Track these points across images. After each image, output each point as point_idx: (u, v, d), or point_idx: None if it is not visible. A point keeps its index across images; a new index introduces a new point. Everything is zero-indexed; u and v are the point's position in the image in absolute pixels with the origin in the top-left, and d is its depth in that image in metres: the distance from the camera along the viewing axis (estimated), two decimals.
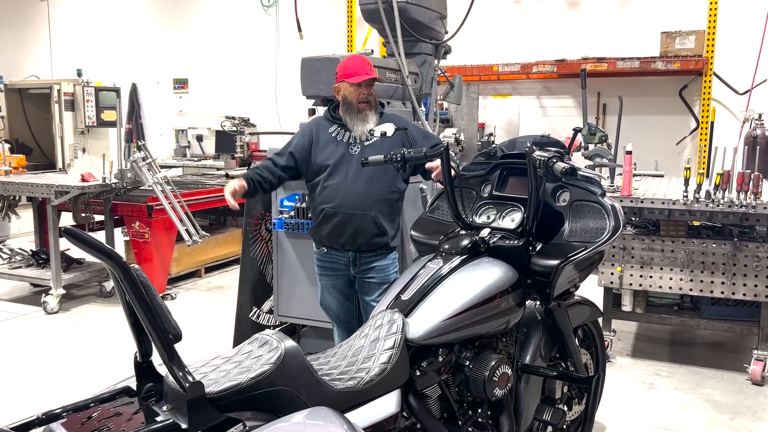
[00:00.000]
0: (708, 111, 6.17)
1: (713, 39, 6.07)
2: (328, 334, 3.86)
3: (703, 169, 6.58)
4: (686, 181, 3.48)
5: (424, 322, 2.13)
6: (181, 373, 1.57)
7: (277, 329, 2.80)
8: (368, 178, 2.99)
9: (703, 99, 6.18)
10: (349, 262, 3.10)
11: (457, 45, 4.89)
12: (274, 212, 3.81)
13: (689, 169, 3.51)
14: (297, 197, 3.69)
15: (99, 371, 3.95)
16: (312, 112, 4.10)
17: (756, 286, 3.61)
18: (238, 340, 3.96)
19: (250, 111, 8.15)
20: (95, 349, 4.35)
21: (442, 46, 4.47)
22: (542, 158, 2.10)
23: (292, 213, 3.69)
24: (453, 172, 2.55)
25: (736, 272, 3.65)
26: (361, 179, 2.99)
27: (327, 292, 3.23)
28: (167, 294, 5.49)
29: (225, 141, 8.24)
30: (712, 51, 6.09)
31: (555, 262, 2.26)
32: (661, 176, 4.72)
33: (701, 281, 3.73)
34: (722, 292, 3.69)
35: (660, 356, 4.18)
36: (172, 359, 1.58)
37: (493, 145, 2.99)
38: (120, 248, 5.86)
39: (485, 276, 2.27)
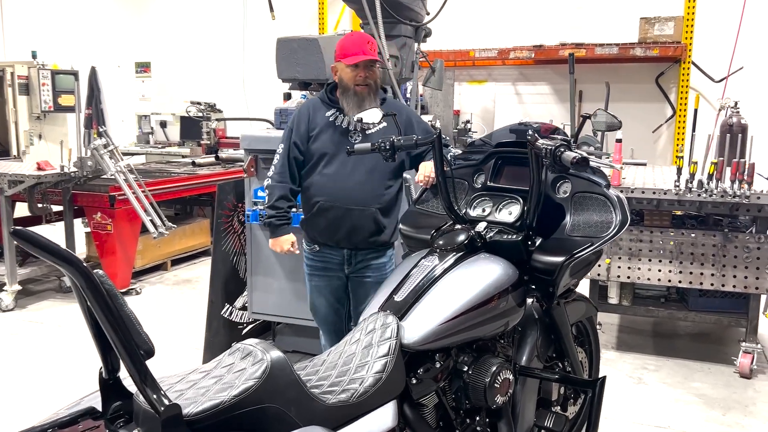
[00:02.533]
0: (686, 98, 6.12)
1: (692, 25, 6.00)
2: (306, 331, 3.67)
3: (680, 156, 6.59)
4: (679, 171, 3.37)
5: (420, 325, 1.95)
6: (155, 395, 1.37)
7: (256, 339, 2.40)
8: (369, 170, 2.77)
9: (681, 86, 6.12)
10: (344, 261, 2.89)
11: (433, 29, 4.70)
12: (248, 203, 3.58)
13: (682, 158, 3.39)
14: None
15: (59, 376, 3.69)
16: (287, 96, 3.88)
17: (746, 277, 3.53)
18: (209, 339, 3.74)
19: (217, 96, 7.86)
20: (54, 351, 4.07)
21: (423, 29, 4.26)
22: (548, 147, 1.93)
23: None
24: (445, 162, 2.37)
25: (726, 263, 3.56)
26: (360, 171, 2.76)
27: (317, 293, 2.99)
28: (132, 289, 5.21)
29: (190, 127, 7.92)
30: (691, 37, 6.02)
31: (559, 259, 2.10)
32: (644, 165, 4.63)
33: (690, 273, 3.64)
34: (711, 284, 3.61)
35: (645, 349, 4.10)
36: (144, 379, 1.37)
37: (480, 137, 2.81)
38: (80, 241, 5.55)
39: (484, 274, 2.10)
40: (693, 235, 3.63)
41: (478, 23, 7.15)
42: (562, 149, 1.92)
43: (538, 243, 2.25)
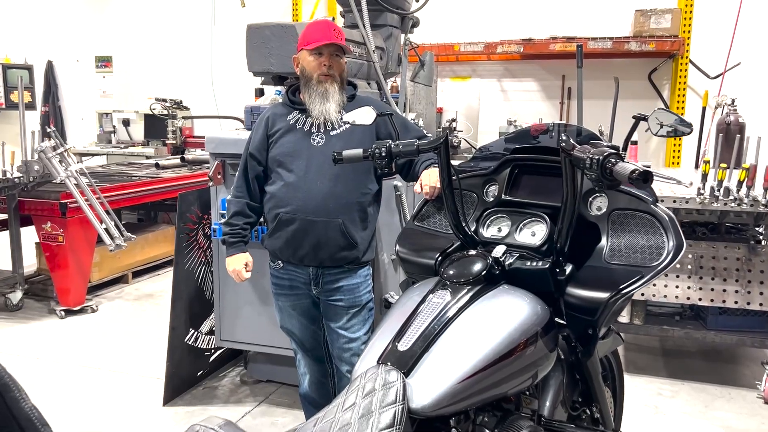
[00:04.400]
0: (684, 96, 5.79)
1: (690, 18, 5.67)
2: (282, 358, 3.23)
3: (678, 158, 6.27)
4: (704, 177, 2.99)
5: (432, 385, 1.53)
6: None
7: (220, 421, 1.82)
8: (334, 176, 2.37)
9: (679, 83, 5.79)
10: (310, 280, 2.48)
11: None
12: (214, 215, 3.12)
13: (708, 162, 3.02)
14: None
15: None
16: (260, 92, 3.43)
17: None
18: (172, 372, 3.26)
19: (184, 92, 7.32)
20: None
21: (410, 18, 3.85)
22: (595, 157, 1.52)
23: None
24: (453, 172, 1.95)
25: (752, 279, 3.21)
26: (325, 177, 2.38)
27: (287, 314, 2.61)
28: (87, 306, 4.69)
29: (155, 126, 7.39)
30: (689, 31, 5.69)
31: (603, 295, 1.69)
32: (648, 167, 4.24)
33: (711, 289, 3.28)
34: (735, 302, 3.25)
35: (657, 371, 3.73)
36: None
37: (483, 145, 2.40)
38: (29, 252, 5.00)
39: (509, 315, 1.68)
40: (714, 247, 3.27)
41: (463, 15, 6.74)
42: (614, 160, 1.51)
43: (568, 271, 1.84)
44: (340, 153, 2.03)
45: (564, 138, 1.68)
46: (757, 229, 3.37)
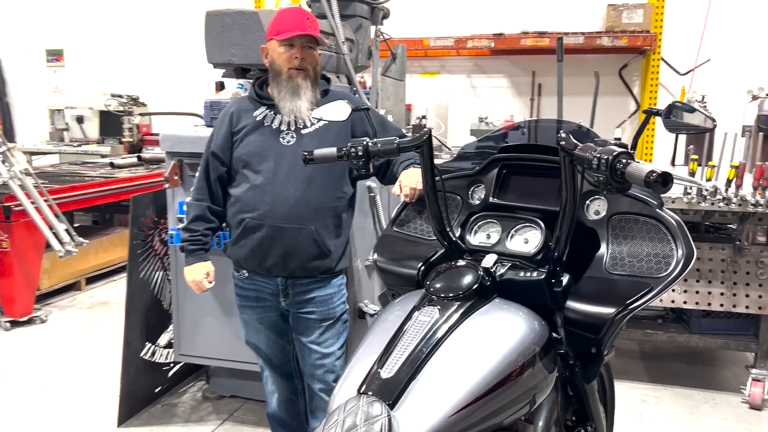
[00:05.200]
0: (656, 92, 5.71)
1: (662, 13, 5.59)
2: (247, 374, 3.00)
3: (650, 154, 6.20)
4: (692, 176, 2.86)
5: (422, 419, 1.33)
6: None
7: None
8: (306, 178, 2.16)
9: (651, 79, 5.70)
10: (278, 292, 2.27)
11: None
12: (171, 219, 2.87)
13: (696, 160, 2.89)
14: None
15: None
16: (220, 86, 3.18)
17: (761, 297, 3.08)
18: (127, 390, 3.00)
19: (140, 88, 6.99)
20: None
21: (380, 9, 3.64)
22: (603, 157, 1.34)
23: None
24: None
25: (737, 281, 3.10)
26: (296, 179, 2.17)
27: (252, 328, 2.38)
28: (35, 317, 4.37)
29: (111, 123, 7.03)
30: (661, 26, 5.61)
31: (608, 311, 1.51)
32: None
33: (696, 292, 3.16)
34: (721, 305, 3.14)
35: (638, 375, 3.61)
36: None
37: (468, 143, 2.22)
38: None
39: (504, 335, 1.50)
40: (698, 248, 3.14)
41: (432, 9, 6.57)
42: (624, 160, 1.33)
43: (565, 282, 1.67)
44: (311, 152, 1.82)
45: (563, 135, 1.50)
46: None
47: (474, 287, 1.56)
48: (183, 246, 2.32)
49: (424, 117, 6.12)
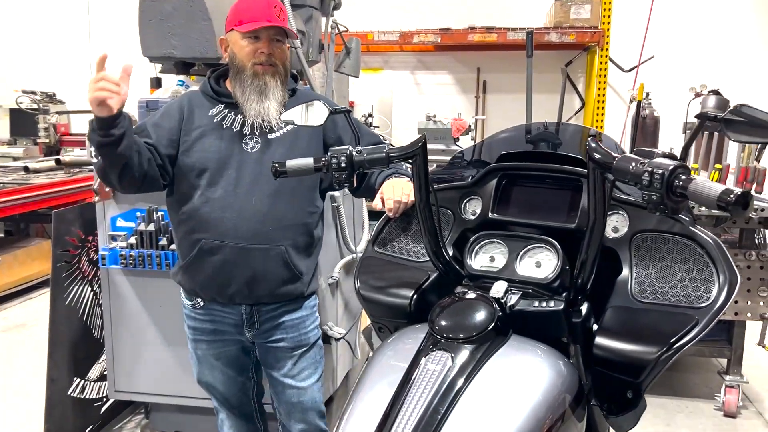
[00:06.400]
0: (604, 89, 5.65)
1: (609, 9, 5.52)
2: (192, 408, 2.66)
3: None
4: None
5: None
6: None
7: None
8: (274, 191, 1.86)
9: (599, 75, 5.64)
10: (242, 322, 1.95)
11: None
12: (102, 237, 2.49)
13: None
14: (139, 214, 2.40)
15: None
16: (156, 83, 2.79)
17: (736, 302, 2.98)
18: None
19: (57, 84, 6.39)
20: None
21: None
22: (657, 171, 1.10)
23: (132, 240, 2.40)
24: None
25: None
26: (262, 192, 1.86)
27: (207, 365, 2.04)
28: None
29: (23, 122, 6.36)
30: (609, 22, 5.55)
31: (651, 350, 1.29)
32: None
33: None
34: None
35: None
36: None
37: (459, 151, 1.96)
38: None
39: (530, 383, 1.25)
40: None
41: (376, 2, 6.30)
42: (684, 175, 1.10)
43: (584, 311, 1.45)
44: (283, 164, 1.51)
45: (594, 145, 1.26)
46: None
47: (490, 327, 1.30)
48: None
49: (370, 115, 5.85)
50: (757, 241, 3.03)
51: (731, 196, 1.02)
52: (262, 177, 1.82)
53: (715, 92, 4.64)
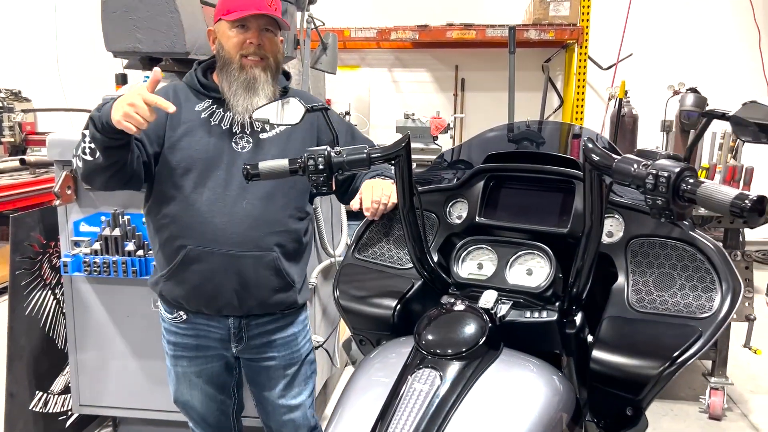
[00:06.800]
0: (583, 87, 5.60)
1: (588, 6, 5.48)
2: (164, 422, 2.53)
3: None
4: None
5: None
6: None
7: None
8: (266, 194, 1.74)
9: (578, 73, 5.59)
10: (230, 336, 1.83)
11: None
12: (64, 243, 2.35)
13: None
14: (104, 218, 2.27)
15: None
16: (122, 79, 2.66)
17: None
18: None
19: (23, 81, 6.18)
20: None
21: None
22: (662, 174, 1.02)
23: (97, 246, 2.26)
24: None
25: None
26: (253, 195, 1.74)
27: (186, 383, 1.90)
28: None
29: None
30: (588, 19, 5.50)
31: (653, 365, 1.20)
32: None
33: None
34: None
35: None
36: None
37: (444, 151, 1.86)
38: None
39: (526, 402, 1.16)
40: None
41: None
42: (692, 179, 1.01)
43: (578, 321, 1.36)
44: (256, 165, 1.40)
45: (591, 146, 1.17)
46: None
47: (480, 341, 1.20)
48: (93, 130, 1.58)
49: (347, 113, 5.74)
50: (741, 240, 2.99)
51: (746, 201, 0.93)
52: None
53: (693, 90, 4.63)
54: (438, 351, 1.20)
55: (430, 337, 1.23)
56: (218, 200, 1.72)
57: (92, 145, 1.60)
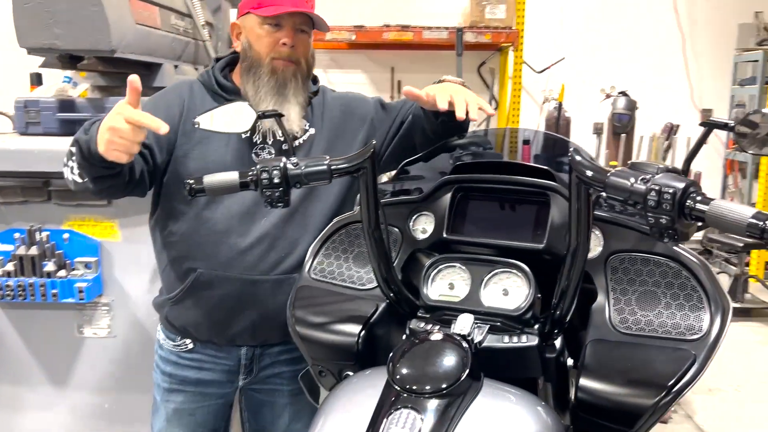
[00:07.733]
0: (519, 91, 5.61)
1: (523, 9, 5.50)
2: None
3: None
4: None
5: None
6: None
7: None
8: (288, 213, 1.56)
9: (514, 76, 5.59)
10: (239, 368, 1.64)
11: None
12: None
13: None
14: (18, 236, 2.01)
15: None
16: (37, 79, 2.38)
17: None
18: None
19: None
20: None
21: None
22: (666, 191, 0.92)
23: (10, 267, 2.00)
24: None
25: None
26: (275, 214, 1.55)
27: (176, 421, 1.68)
28: None
29: None
30: (523, 23, 5.52)
31: (647, 394, 1.11)
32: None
33: None
34: None
35: None
36: None
37: (408, 159, 1.72)
38: None
39: None
40: None
41: None
42: (699, 196, 0.92)
43: (558, 345, 1.26)
44: (200, 179, 1.23)
45: (578, 158, 1.07)
46: None
47: (463, 376, 1.08)
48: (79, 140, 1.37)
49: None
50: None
51: (767, 222, 0.84)
52: None
53: (624, 93, 4.72)
54: (415, 388, 1.06)
55: (405, 371, 1.10)
56: (233, 218, 1.54)
57: (76, 169, 1.39)
